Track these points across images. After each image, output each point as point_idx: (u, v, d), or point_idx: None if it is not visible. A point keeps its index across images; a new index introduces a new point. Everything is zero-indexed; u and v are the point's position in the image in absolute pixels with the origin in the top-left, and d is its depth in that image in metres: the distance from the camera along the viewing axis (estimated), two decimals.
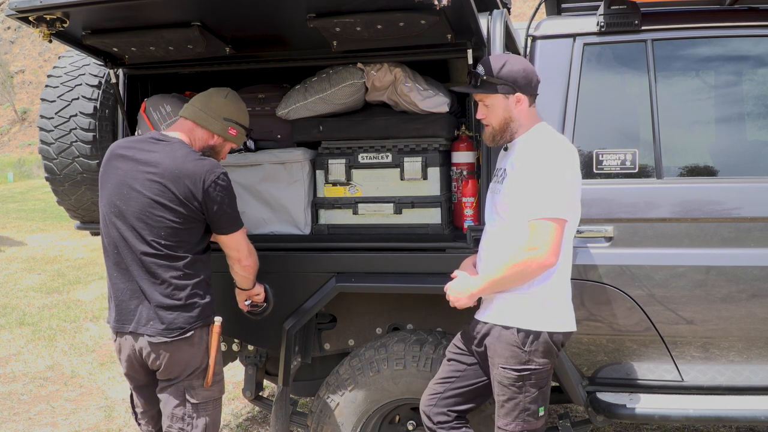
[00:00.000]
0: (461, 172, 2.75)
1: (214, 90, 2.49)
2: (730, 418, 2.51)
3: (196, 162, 2.29)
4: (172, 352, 2.28)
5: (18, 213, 14.36)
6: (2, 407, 4.40)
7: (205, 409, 2.35)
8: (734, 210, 2.48)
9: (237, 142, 2.53)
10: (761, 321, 2.48)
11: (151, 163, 2.28)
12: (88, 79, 2.96)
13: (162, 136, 2.37)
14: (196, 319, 2.29)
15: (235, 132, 2.47)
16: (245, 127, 2.52)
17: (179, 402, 2.31)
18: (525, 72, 2.24)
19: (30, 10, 2.18)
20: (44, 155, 2.96)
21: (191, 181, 2.25)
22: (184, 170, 2.26)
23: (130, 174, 2.29)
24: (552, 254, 2.11)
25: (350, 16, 2.24)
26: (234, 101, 2.48)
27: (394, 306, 2.90)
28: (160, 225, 2.25)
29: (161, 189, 2.25)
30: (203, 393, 2.34)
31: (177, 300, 2.26)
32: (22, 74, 39.07)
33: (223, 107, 2.44)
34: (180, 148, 2.32)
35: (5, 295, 7.50)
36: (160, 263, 2.25)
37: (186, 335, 2.27)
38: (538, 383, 2.21)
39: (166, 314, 2.25)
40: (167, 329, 2.25)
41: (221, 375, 2.45)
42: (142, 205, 2.26)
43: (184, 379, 2.32)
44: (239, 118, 2.48)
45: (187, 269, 2.28)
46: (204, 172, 2.27)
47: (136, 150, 2.33)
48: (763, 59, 2.60)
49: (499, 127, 2.28)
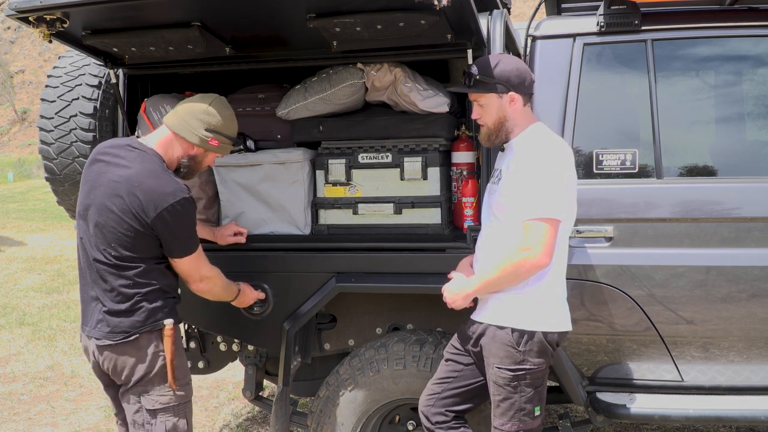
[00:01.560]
0: (461, 172, 2.75)
1: (199, 97, 2.39)
2: (730, 418, 2.51)
3: (158, 180, 2.20)
4: (118, 355, 2.25)
5: (18, 213, 14.36)
6: (2, 407, 4.40)
7: (165, 414, 2.27)
8: (734, 210, 2.48)
9: (222, 152, 2.44)
10: (761, 321, 2.48)
11: (118, 171, 2.23)
12: (88, 79, 2.96)
13: (139, 145, 2.30)
14: (143, 324, 2.23)
15: (217, 143, 2.36)
16: (230, 137, 2.41)
17: (137, 408, 2.28)
18: (518, 71, 2.25)
19: (30, 10, 2.18)
20: (44, 155, 2.96)
21: (145, 198, 2.17)
22: (143, 185, 2.18)
23: (99, 179, 2.26)
24: (546, 255, 2.12)
25: (350, 16, 2.24)
26: (218, 110, 2.36)
27: (394, 306, 2.90)
28: (113, 234, 2.20)
29: (117, 198, 2.19)
30: (161, 399, 2.27)
31: (123, 305, 2.23)
32: (22, 74, 39.07)
33: (205, 117, 2.33)
34: (150, 161, 2.24)
35: (5, 295, 7.50)
36: (110, 271, 2.23)
37: (130, 339, 2.23)
38: (533, 383, 2.22)
39: (112, 318, 2.24)
40: (112, 332, 2.23)
41: (185, 380, 2.34)
42: (99, 212, 2.23)
43: (138, 385, 2.27)
44: (223, 129, 2.37)
45: (138, 278, 2.23)
46: (163, 194, 2.17)
47: (112, 156, 2.28)
48: (763, 59, 2.60)
49: (493, 127, 2.29)
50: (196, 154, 2.37)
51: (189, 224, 2.26)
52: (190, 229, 2.28)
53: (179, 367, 2.30)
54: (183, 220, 2.22)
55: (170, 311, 2.30)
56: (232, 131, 2.42)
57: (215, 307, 2.68)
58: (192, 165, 2.39)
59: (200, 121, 2.32)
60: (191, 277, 2.35)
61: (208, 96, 2.39)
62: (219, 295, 2.48)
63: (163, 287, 2.29)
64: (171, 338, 2.25)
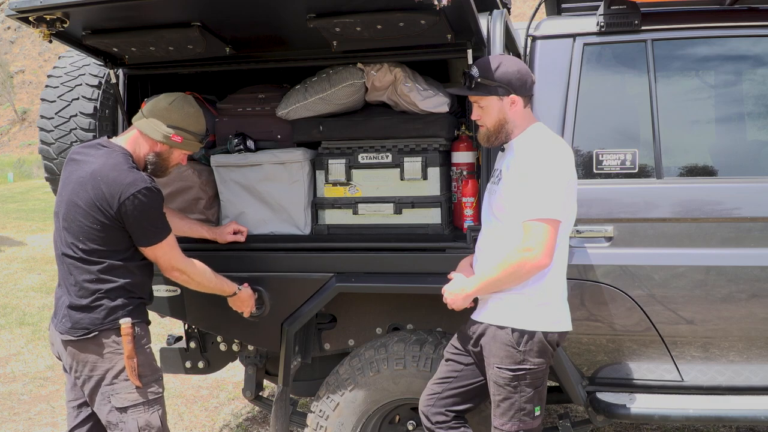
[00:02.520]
0: (461, 172, 2.75)
1: (163, 95, 2.43)
2: (730, 418, 2.51)
3: (120, 172, 2.24)
4: (78, 351, 2.29)
5: (18, 213, 14.37)
6: (2, 407, 4.40)
7: (135, 411, 2.29)
8: (734, 210, 2.48)
9: (188, 149, 2.45)
10: (761, 321, 2.48)
11: (85, 167, 2.28)
12: (88, 79, 2.96)
13: (107, 143, 2.35)
14: (102, 321, 2.26)
15: (179, 139, 2.38)
16: (194, 133, 2.42)
17: (109, 409, 2.30)
18: (519, 73, 2.24)
19: (30, 10, 2.18)
20: (44, 155, 2.96)
21: (108, 190, 2.21)
22: (107, 177, 2.22)
23: (69, 177, 2.32)
24: (546, 255, 2.12)
25: (350, 16, 2.24)
26: (179, 106, 2.39)
27: (394, 306, 2.90)
28: (80, 228, 2.25)
29: (83, 192, 2.24)
30: (129, 396, 2.29)
31: (84, 300, 2.27)
32: (22, 74, 39.09)
33: (165, 113, 2.37)
34: (115, 156, 2.28)
35: (5, 295, 7.51)
36: (76, 265, 2.28)
37: (89, 336, 2.26)
38: (533, 383, 2.22)
39: (74, 313, 2.28)
40: (73, 328, 2.28)
41: (153, 376, 2.35)
42: (67, 207, 2.28)
43: (103, 384, 2.30)
44: (186, 125, 2.39)
45: (102, 274, 2.26)
46: (124, 185, 2.21)
47: (83, 154, 2.33)
48: (763, 59, 2.60)
49: (493, 129, 2.29)
50: (161, 151, 2.41)
51: (152, 214, 2.28)
52: (155, 218, 2.30)
53: (142, 364, 2.31)
54: (146, 210, 2.25)
55: (132, 311, 2.31)
56: (197, 128, 2.44)
57: (215, 307, 2.68)
58: (159, 162, 2.42)
59: (163, 118, 2.37)
60: (162, 266, 2.38)
61: (173, 94, 2.44)
62: (200, 286, 2.49)
63: (127, 286, 2.31)
64: (128, 337, 2.27)
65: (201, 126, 2.47)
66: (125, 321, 2.27)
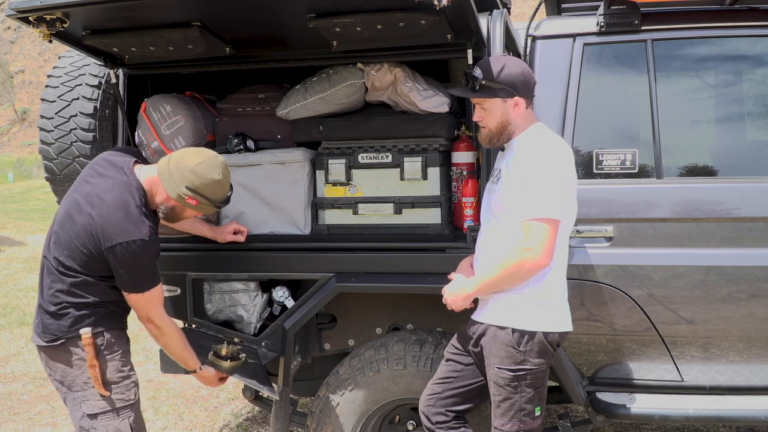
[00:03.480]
0: (461, 172, 2.75)
1: (194, 152, 2.33)
2: (730, 418, 2.51)
3: (124, 214, 2.19)
4: (49, 356, 2.32)
5: (18, 213, 14.36)
6: (2, 407, 4.40)
7: (105, 418, 2.29)
8: (734, 210, 2.48)
9: (202, 212, 2.40)
10: (761, 321, 2.48)
11: (99, 186, 2.26)
12: (88, 79, 2.96)
13: (130, 171, 2.30)
14: (67, 330, 2.27)
15: (194, 202, 2.29)
16: (212, 200, 2.32)
17: (81, 414, 2.31)
18: (523, 75, 2.24)
19: (30, 10, 2.18)
20: (44, 155, 2.96)
21: (104, 227, 2.18)
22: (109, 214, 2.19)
23: (82, 185, 2.31)
24: (545, 255, 2.12)
25: (350, 16, 2.24)
26: (204, 172, 2.28)
27: (394, 306, 2.90)
28: (68, 243, 2.24)
29: (83, 214, 2.23)
30: (98, 403, 2.29)
31: (53, 307, 2.27)
32: (22, 74, 39.09)
33: (189, 175, 2.27)
34: (129, 193, 2.24)
35: (5, 295, 7.50)
36: (52, 271, 2.28)
37: (56, 343, 2.28)
38: (533, 383, 2.22)
39: (44, 318, 2.30)
40: (44, 332, 2.30)
41: (122, 384, 2.32)
42: (64, 216, 2.28)
43: (74, 390, 2.31)
44: (205, 191, 2.29)
45: (74, 288, 2.26)
46: (120, 230, 2.18)
47: (104, 168, 2.31)
48: (762, 59, 2.60)
49: (495, 130, 2.28)
50: (174, 206, 2.35)
51: (140, 265, 2.24)
52: (142, 269, 2.25)
53: (108, 372, 2.30)
54: (135, 260, 2.21)
55: (100, 320, 2.30)
56: (216, 196, 2.33)
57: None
58: (170, 213, 2.37)
59: (183, 178, 2.27)
60: (137, 313, 2.35)
61: (204, 154, 2.34)
62: (167, 348, 2.43)
63: (96, 302, 2.29)
64: (89, 347, 2.26)
65: (221, 194, 2.36)
66: (85, 331, 2.26)
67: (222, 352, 2.56)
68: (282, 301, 2.77)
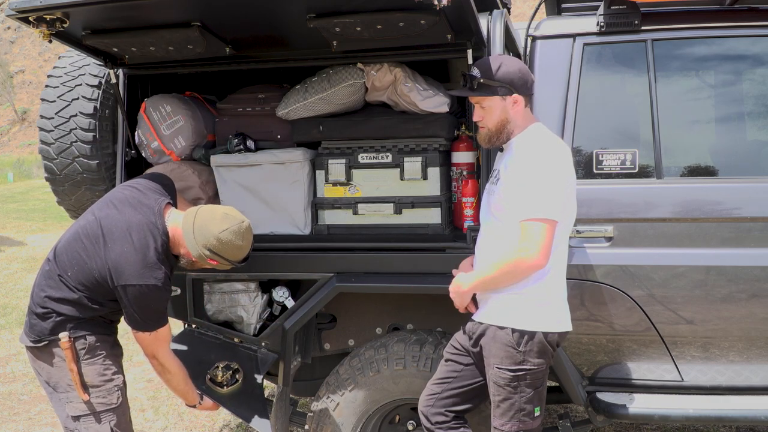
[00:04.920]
0: (461, 172, 2.75)
1: (220, 216, 2.34)
2: (730, 418, 2.51)
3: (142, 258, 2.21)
4: (35, 356, 2.35)
5: (18, 213, 14.36)
6: (2, 407, 4.40)
7: (86, 420, 2.30)
8: (734, 210, 2.48)
9: (219, 269, 2.44)
10: (761, 321, 2.48)
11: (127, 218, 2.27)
12: (88, 79, 2.96)
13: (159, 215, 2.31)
14: (49, 332, 2.29)
15: (215, 262, 2.36)
16: (230, 261, 2.37)
17: (66, 415, 2.33)
18: (521, 73, 2.24)
19: (30, 10, 2.18)
20: (44, 155, 2.96)
21: (121, 265, 2.20)
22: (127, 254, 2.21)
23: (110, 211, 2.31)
24: (542, 255, 2.12)
25: (350, 16, 2.24)
26: (228, 240, 2.31)
27: (394, 306, 2.90)
28: (79, 261, 2.26)
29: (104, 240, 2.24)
30: (79, 406, 2.31)
31: (39, 309, 2.30)
32: (22, 74, 39.08)
33: (212, 240, 2.30)
34: (154, 239, 2.25)
35: (5, 295, 7.50)
36: (51, 276, 2.30)
37: (40, 344, 2.31)
38: (533, 383, 2.22)
39: (31, 318, 2.33)
40: (30, 332, 2.33)
41: (103, 387, 2.33)
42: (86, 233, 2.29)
43: (58, 391, 2.33)
44: (226, 254, 2.34)
45: (69, 298, 2.27)
46: (134, 272, 2.20)
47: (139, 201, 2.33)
48: (762, 59, 2.59)
49: (495, 129, 2.28)
50: (195, 261, 2.38)
51: (149, 307, 2.27)
52: (151, 311, 2.28)
53: (88, 375, 2.31)
54: (145, 302, 2.24)
55: (81, 324, 2.31)
56: (235, 257, 2.38)
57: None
58: (189, 265, 2.42)
59: (207, 242, 2.31)
60: (143, 349, 2.37)
61: (230, 219, 2.34)
62: (169, 384, 2.46)
63: (82, 319, 2.30)
64: (68, 351, 2.27)
65: (242, 256, 2.40)
66: (63, 335, 2.28)
67: (218, 379, 2.61)
68: (282, 302, 2.78)
